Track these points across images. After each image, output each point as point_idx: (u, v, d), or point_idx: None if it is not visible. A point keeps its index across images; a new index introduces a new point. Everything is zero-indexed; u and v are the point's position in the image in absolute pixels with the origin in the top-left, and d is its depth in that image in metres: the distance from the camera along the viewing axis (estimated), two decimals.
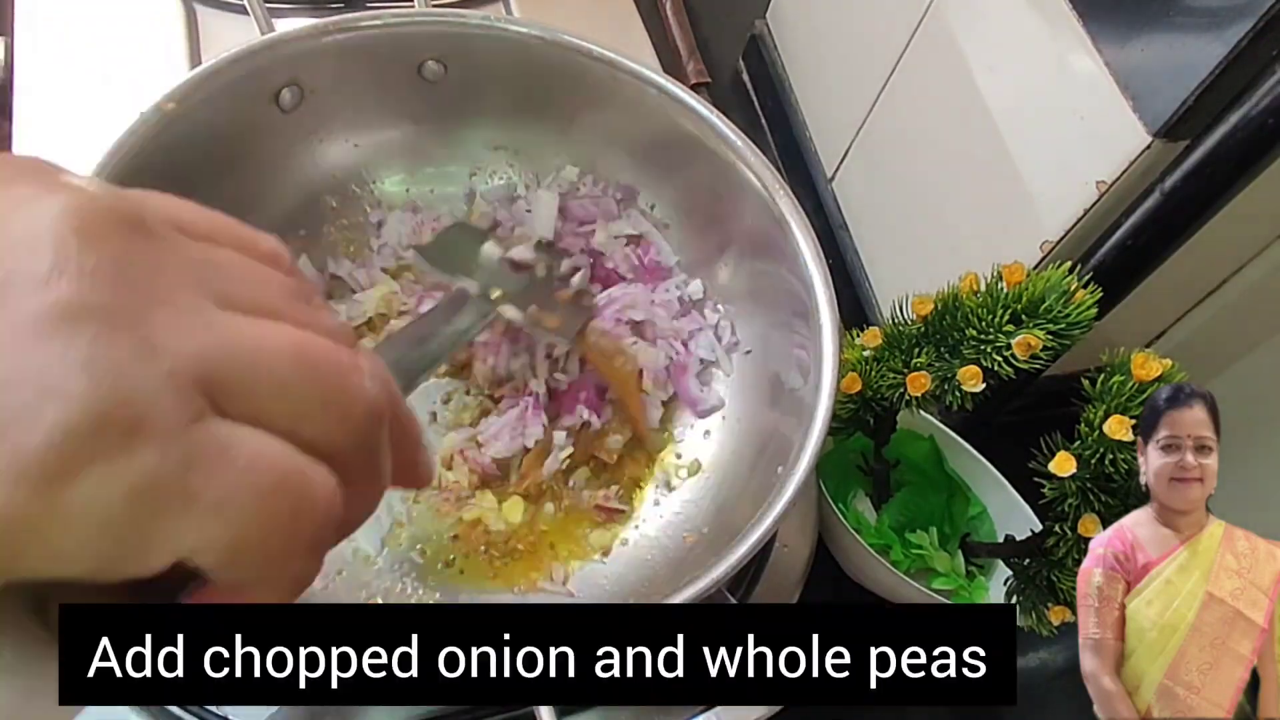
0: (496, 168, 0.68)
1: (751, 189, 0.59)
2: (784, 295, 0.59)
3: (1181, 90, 0.48)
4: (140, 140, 0.51)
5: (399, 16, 0.60)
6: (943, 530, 0.66)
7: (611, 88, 0.62)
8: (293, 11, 0.79)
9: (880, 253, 0.77)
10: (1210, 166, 0.50)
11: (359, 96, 0.62)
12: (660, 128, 0.62)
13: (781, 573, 0.61)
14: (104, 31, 0.78)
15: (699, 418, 0.63)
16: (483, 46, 0.61)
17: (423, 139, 0.66)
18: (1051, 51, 0.55)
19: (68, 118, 0.72)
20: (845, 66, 0.79)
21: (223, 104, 0.56)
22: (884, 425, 0.64)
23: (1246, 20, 0.44)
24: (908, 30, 0.68)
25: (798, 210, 0.57)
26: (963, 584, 0.64)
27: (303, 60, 0.58)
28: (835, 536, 0.64)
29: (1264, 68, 0.46)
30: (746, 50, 0.93)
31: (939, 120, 0.67)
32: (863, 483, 0.69)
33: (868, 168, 0.77)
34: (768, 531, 0.47)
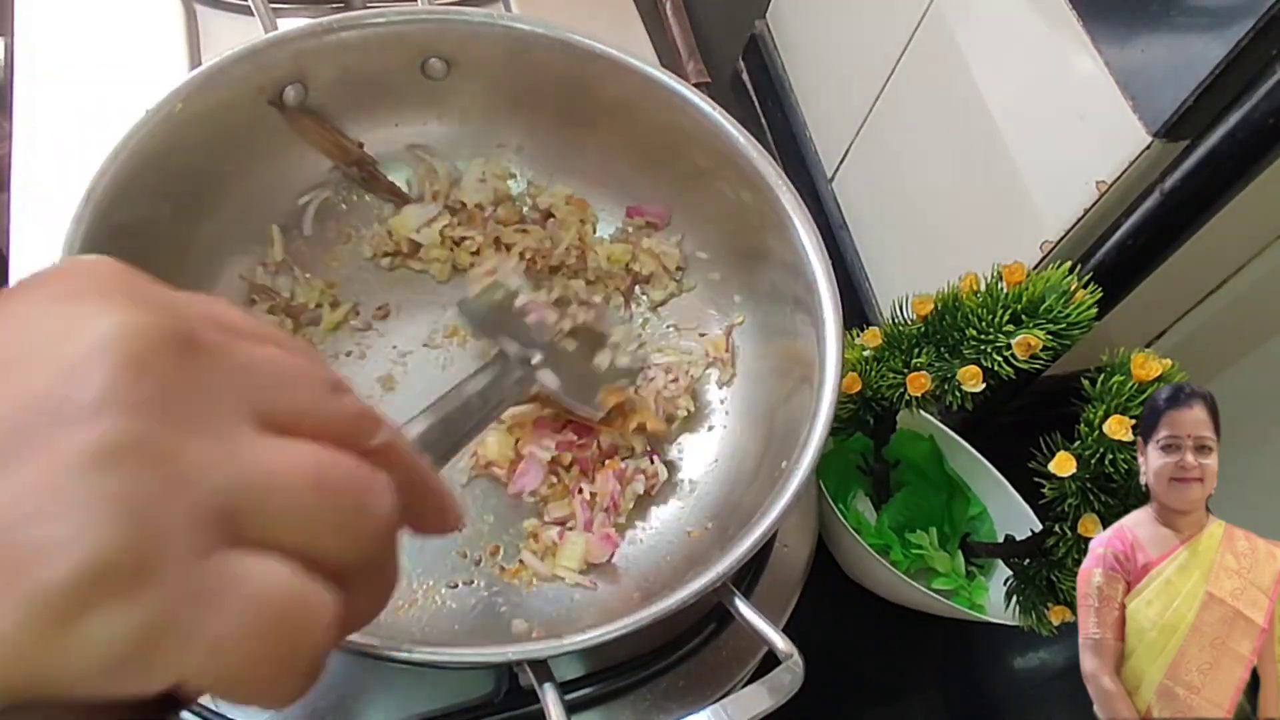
0: (501, 162, 0.68)
1: (754, 187, 0.59)
2: (786, 293, 0.59)
3: (1181, 90, 0.48)
4: (145, 139, 0.51)
5: (402, 14, 0.60)
6: (943, 530, 0.66)
7: (613, 83, 0.62)
8: (296, 10, 0.79)
9: (880, 253, 0.77)
10: (1210, 166, 0.50)
11: (362, 94, 0.62)
12: (661, 124, 0.62)
13: (781, 573, 0.61)
14: (104, 31, 0.78)
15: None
16: (486, 44, 0.62)
17: (426, 136, 0.66)
18: (1051, 51, 0.55)
19: (68, 118, 0.72)
20: (845, 66, 0.79)
21: (226, 102, 0.56)
22: (884, 425, 0.64)
23: (1246, 20, 0.44)
24: (908, 30, 0.68)
25: (801, 208, 0.57)
26: (963, 584, 0.64)
27: (306, 58, 0.58)
28: (835, 536, 0.64)
29: (1264, 68, 0.46)
30: (746, 50, 0.93)
31: (939, 120, 0.67)
32: (863, 483, 0.69)
33: (868, 167, 0.77)
34: (771, 528, 0.48)
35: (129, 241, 0.53)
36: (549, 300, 0.61)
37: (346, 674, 0.54)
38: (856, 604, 0.66)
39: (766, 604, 0.59)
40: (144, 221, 0.54)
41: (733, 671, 0.57)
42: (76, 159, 0.53)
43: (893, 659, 0.68)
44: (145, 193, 0.53)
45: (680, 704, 0.55)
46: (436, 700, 0.54)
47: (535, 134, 0.67)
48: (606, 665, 0.56)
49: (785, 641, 0.45)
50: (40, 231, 0.66)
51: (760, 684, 0.43)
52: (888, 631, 0.67)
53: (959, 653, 0.68)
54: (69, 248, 0.47)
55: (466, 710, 0.54)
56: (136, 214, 0.53)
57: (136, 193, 0.52)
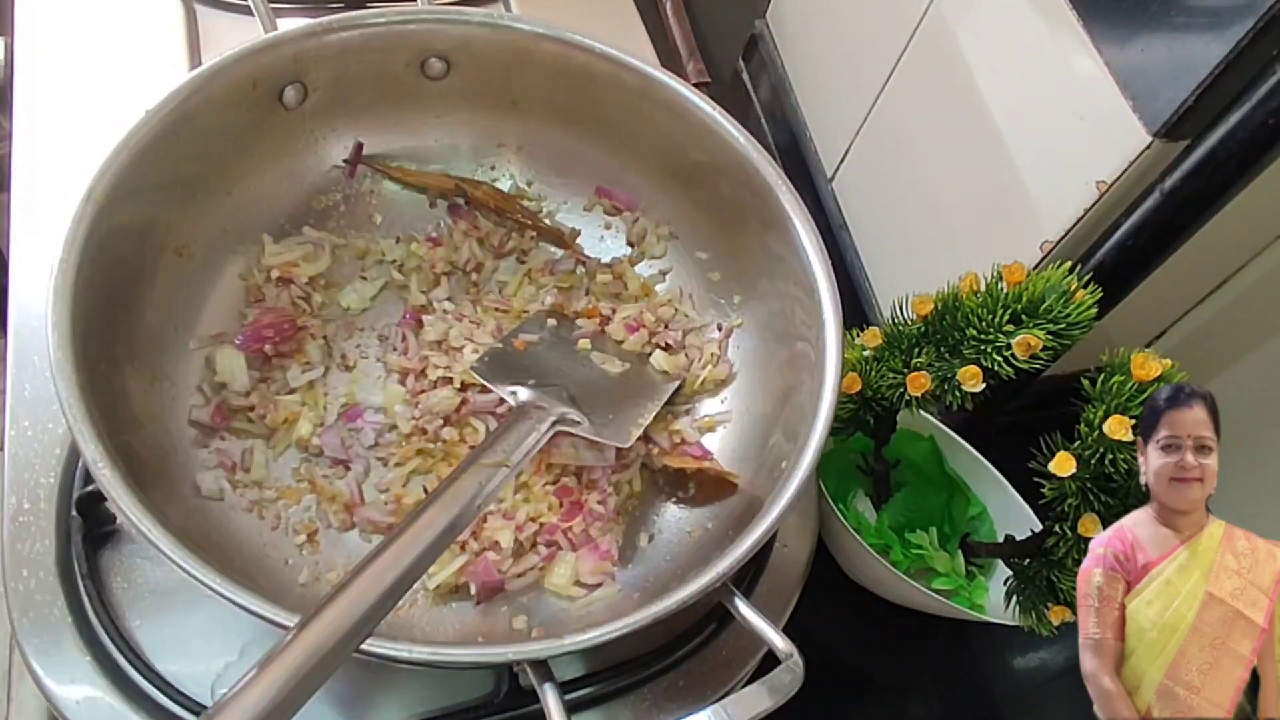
0: (501, 163, 0.68)
1: (754, 187, 0.59)
2: (786, 293, 0.59)
3: (1181, 90, 0.48)
4: (145, 139, 0.51)
5: (402, 14, 0.60)
6: (943, 530, 0.66)
7: (613, 83, 0.62)
8: (296, 10, 0.79)
9: (880, 253, 0.77)
10: (1210, 166, 0.50)
11: (362, 94, 0.62)
12: (662, 125, 0.62)
13: (781, 573, 0.61)
14: (104, 31, 0.78)
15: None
16: (486, 44, 0.62)
17: (426, 136, 0.66)
18: (1051, 51, 0.55)
19: (68, 118, 0.72)
20: (845, 66, 0.79)
21: (227, 102, 0.56)
22: (884, 425, 0.64)
23: (1246, 20, 0.44)
24: (908, 30, 0.68)
25: (801, 208, 0.57)
26: (963, 584, 0.64)
27: (306, 58, 0.58)
28: (835, 536, 0.64)
29: (1264, 68, 0.46)
30: (746, 50, 0.93)
31: (939, 120, 0.67)
32: (863, 483, 0.69)
33: (868, 168, 0.77)
34: (771, 528, 0.48)
35: (129, 241, 0.53)
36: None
37: (348, 674, 0.54)
38: (856, 604, 0.66)
39: (766, 604, 0.59)
40: (144, 221, 0.54)
41: (733, 671, 0.57)
42: (76, 159, 0.53)
43: (893, 659, 0.68)
44: (145, 193, 0.53)
45: (680, 704, 0.55)
46: (436, 700, 0.54)
47: (535, 134, 0.67)
48: (606, 665, 0.56)
49: (785, 641, 0.45)
50: (40, 231, 0.66)
51: (760, 684, 0.43)
52: (888, 631, 0.67)
53: (959, 653, 0.68)
54: (69, 248, 0.47)
55: (466, 710, 0.54)
56: (136, 214, 0.53)
57: (136, 193, 0.52)
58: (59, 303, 0.46)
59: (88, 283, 0.48)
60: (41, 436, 0.58)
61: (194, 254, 0.58)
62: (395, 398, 0.59)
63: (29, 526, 0.55)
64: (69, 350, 0.45)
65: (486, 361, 0.59)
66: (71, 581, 0.53)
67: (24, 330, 0.62)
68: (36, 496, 0.56)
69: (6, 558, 0.53)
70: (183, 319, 0.57)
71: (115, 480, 0.43)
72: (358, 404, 0.60)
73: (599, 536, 0.56)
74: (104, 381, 0.48)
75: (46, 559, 0.54)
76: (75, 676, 0.51)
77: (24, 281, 0.63)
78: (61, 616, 0.52)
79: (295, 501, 0.56)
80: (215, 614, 0.53)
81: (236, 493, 0.55)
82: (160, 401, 0.55)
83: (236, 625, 0.53)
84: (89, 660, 0.51)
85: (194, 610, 0.54)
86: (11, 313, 0.62)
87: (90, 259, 0.48)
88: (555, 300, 0.65)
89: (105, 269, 0.50)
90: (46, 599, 0.53)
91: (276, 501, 0.56)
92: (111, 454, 0.44)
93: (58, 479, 0.56)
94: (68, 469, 0.57)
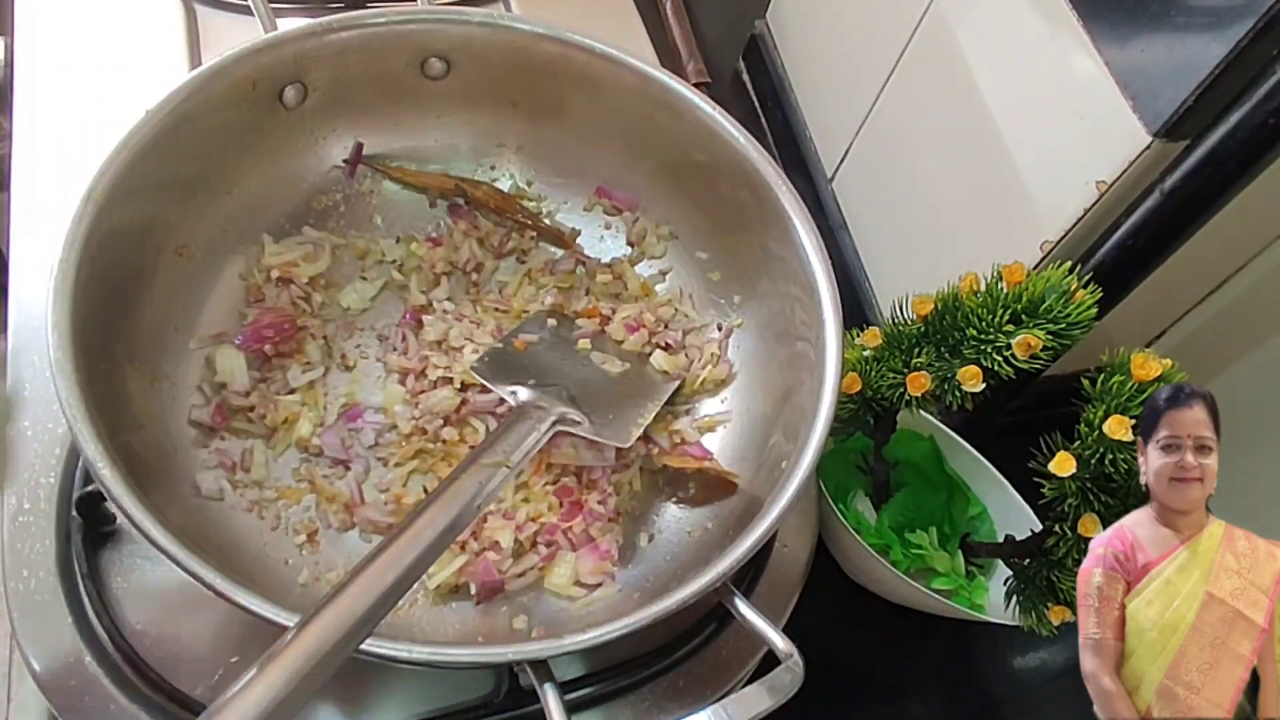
0: (501, 163, 0.68)
1: (754, 187, 0.59)
2: (786, 293, 0.59)
3: (1181, 90, 0.48)
4: (145, 139, 0.51)
5: (402, 14, 0.60)
6: (943, 530, 0.66)
7: (613, 83, 0.62)
8: (296, 10, 0.79)
9: (880, 253, 0.77)
10: (1210, 166, 0.50)
11: (362, 94, 0.62)
12: (661, 125, 0.62)
13: (781, 573, 0.61)
14: (104, 31, 0.78)
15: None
16: (486, 44, 0.62)
17: (426, 136, 0.66)
18: (1051, 51, 0.55)
19: (68, 118, 0.72)
20: (845, 66, 0.79)
21: (227, 102, 0.56)
22: (884, 425, 0.64)
23: (1246, 20, 0.44)
24: (908, 30, 0.68)
25: (801, 208, 0.57)
26: (963, 584, 0.64)
27: (306, 58, 0.58)
28: (835, 536, 0.64)
29: (1264, 68, 0.46)
30: (746, 50, 0.93)
31: (939, 120, 0.67)
32: (863, 483, 0.69)
33: (868, 168, 0.77)
34: (771, 528, 0.48)
35: (129, 241, 0.53)
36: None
37: (348, 674, 0.54)
38: (856, 604, 0.66)
39: (766, 604, 0.59)
40: (144, 221, 0.54)
41: (733, 671, 0.57)
42: (76, 159, 0.53)
43: (893, 659, 0.68)
44: (145, 193, 0.53)
45: (680, 704, 0.55)
46: (436, 700, 0.54)
47: (535, 134, 0.67)
48: (606, 665, 0.56)
49: (785, 641, 0.45)
50: (40, 231, 0.66)
51: (760, 684, 0.43)
52: (888, 631, 0.67)
53: (959, 653, 0.68)
54: (69, 248, 0.47)
55: (466, 710, 0.54)
56: (136, 214, 0.53)
57: (136, 193, 0.52)
58: (59, 303, 0.46)
59: (88, 283, 0.48)
60: (41, 436, 0.58)
61: (194, 254, 0.58)
62: (395, 398, 0.59)
63: (29, 526, 0.55)
64: (69, 350, 0.45)
65: (486, 361, 0.59)
66: (71, 581, 0.53)
67: (24, 330, 0.62)
68: (36, 496, 0.56)
69: (6, 558, 0.53)
70: (183, 319, 0.57)
71: (115, 480, 0.43)
72: (358, 404, 0.60)
73: (599, 536, 0.56)
74: (104, 381, 0.48)
75: (46, 559, 0.54)
76: (75, 676, 0.51)
77: (24, 281, 0.63)
78: (61, 616, 0.52)
79: (295, 501, 0.56)
80: (215, 614, 0.53)
81: (236, 493, 0.55)
82: (160, 401, 0.55)
83: (236, 625, 0.53)
84: (89, 660, 0.51)
85: (194, 610, 0.54)
86: (11, 313, 0.62)
87: (90, 259, 0.48)
88: (555, 300, 0.65)
89: (105, 269, 0.50)
90: (46, 599, 0.53)
91: (276, 501, 0.56)
92: (111, 454, 0.44)
93: (58, 479, 0.56)
94: (68, 469, 0.57)
